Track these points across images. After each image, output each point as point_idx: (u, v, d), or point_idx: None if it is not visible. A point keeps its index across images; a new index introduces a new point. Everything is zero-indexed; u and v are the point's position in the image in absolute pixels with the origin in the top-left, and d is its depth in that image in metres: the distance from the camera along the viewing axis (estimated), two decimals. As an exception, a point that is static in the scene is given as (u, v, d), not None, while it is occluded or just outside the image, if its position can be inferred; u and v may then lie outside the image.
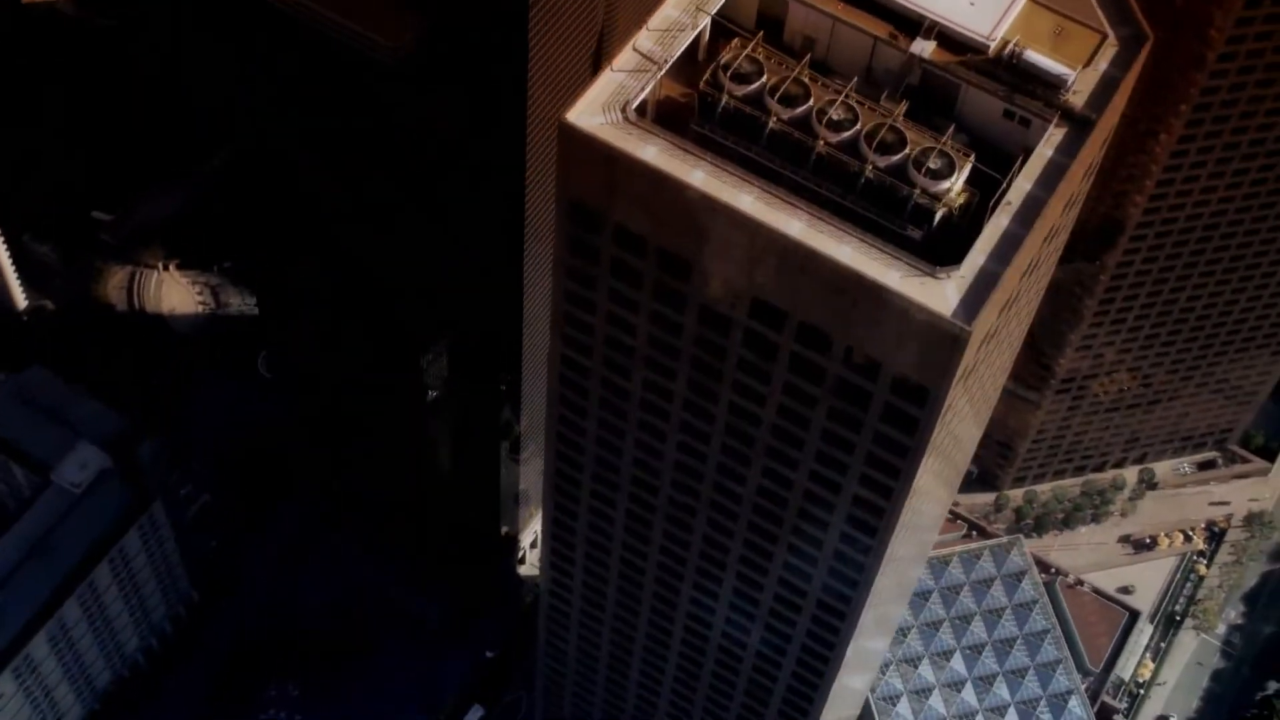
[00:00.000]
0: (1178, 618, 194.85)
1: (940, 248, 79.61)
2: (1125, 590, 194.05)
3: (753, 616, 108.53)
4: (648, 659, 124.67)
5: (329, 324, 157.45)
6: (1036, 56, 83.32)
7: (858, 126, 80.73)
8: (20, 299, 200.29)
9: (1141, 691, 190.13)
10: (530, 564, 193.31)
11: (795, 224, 78.47)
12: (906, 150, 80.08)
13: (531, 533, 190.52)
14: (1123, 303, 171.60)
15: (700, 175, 79.51)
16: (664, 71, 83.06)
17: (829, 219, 78.93)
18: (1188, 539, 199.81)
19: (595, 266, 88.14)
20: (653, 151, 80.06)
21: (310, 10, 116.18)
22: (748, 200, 78.94)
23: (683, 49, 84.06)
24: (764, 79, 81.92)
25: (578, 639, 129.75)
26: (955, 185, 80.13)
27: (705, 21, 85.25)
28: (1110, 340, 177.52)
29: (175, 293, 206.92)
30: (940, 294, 76.94)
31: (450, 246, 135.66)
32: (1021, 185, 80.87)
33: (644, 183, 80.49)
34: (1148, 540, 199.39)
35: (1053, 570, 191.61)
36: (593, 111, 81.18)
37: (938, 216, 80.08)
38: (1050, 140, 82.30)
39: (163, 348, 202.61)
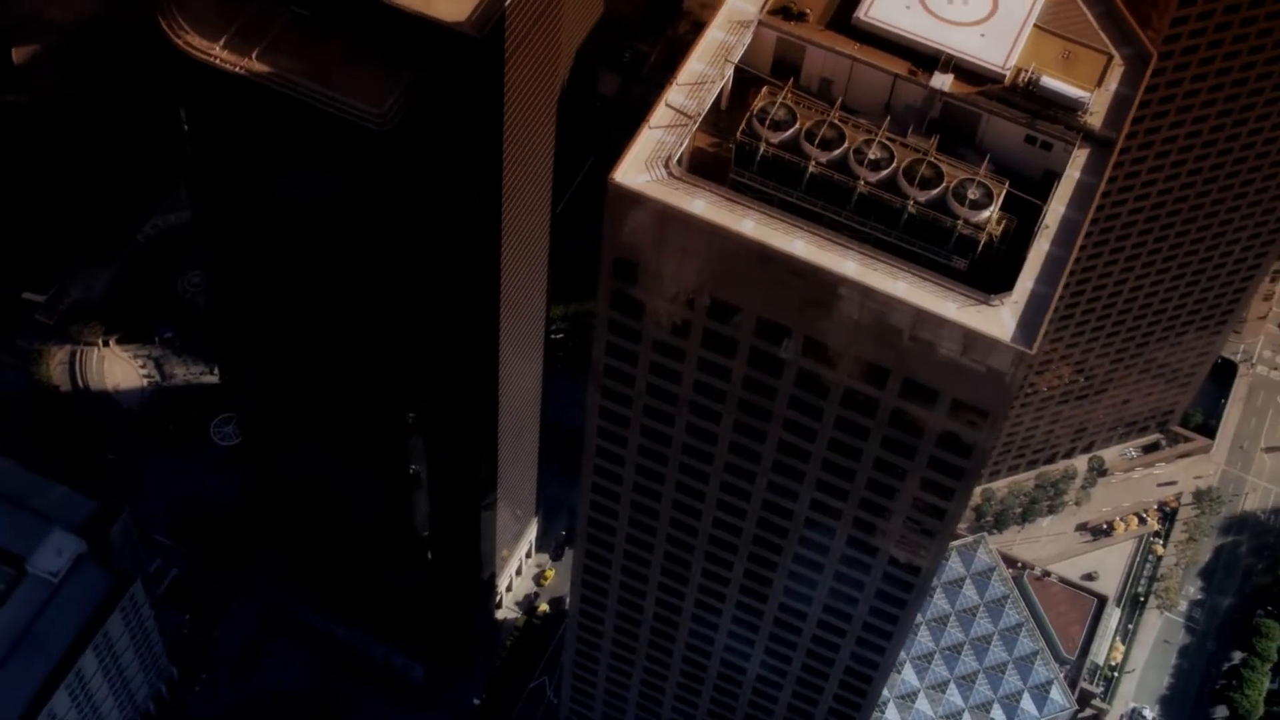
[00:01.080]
0: (1141, 599, 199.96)
1: (984, 274, 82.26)
2: (1089, 577, 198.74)
3: (794, 645, 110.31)
4: (681, 695, 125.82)
5: (298, 385, 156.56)
6: (1053, 82, 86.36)
7: (895, 164, 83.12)
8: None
9: (1115, 674, 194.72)
10: (507, 607, 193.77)
11: (849, 264, 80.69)
12: (945, 183, 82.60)
13: (507, 576, 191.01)
14: (1069, 299, 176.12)
15: (750, 224, 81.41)
16: (698, 124, 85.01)
17: (879, 256, 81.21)
18: (1142, 521, 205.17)
19: (639, 320, 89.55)
20: (701, 204, 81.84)
21: (291, 81, 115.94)
22: (800, 245, 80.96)
23: (712, 100, 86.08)
24: (798, 124, 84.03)
25: (606, 682, 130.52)
26: (993, 214, 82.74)
27: (730, 71, 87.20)
28: (1058, 336, 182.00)
29: (118, 368, 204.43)
30: (997, 320, 79.48)
31: (426, 298, 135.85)
32: (1055, 208, 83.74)
33: (695, 235, 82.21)
34: (1104, 526, 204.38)
35: (1019, 564, 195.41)
36: (637, 169, 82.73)
37: (980, 245, 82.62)
38: (1075, 162, 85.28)
39: (111, 424, 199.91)
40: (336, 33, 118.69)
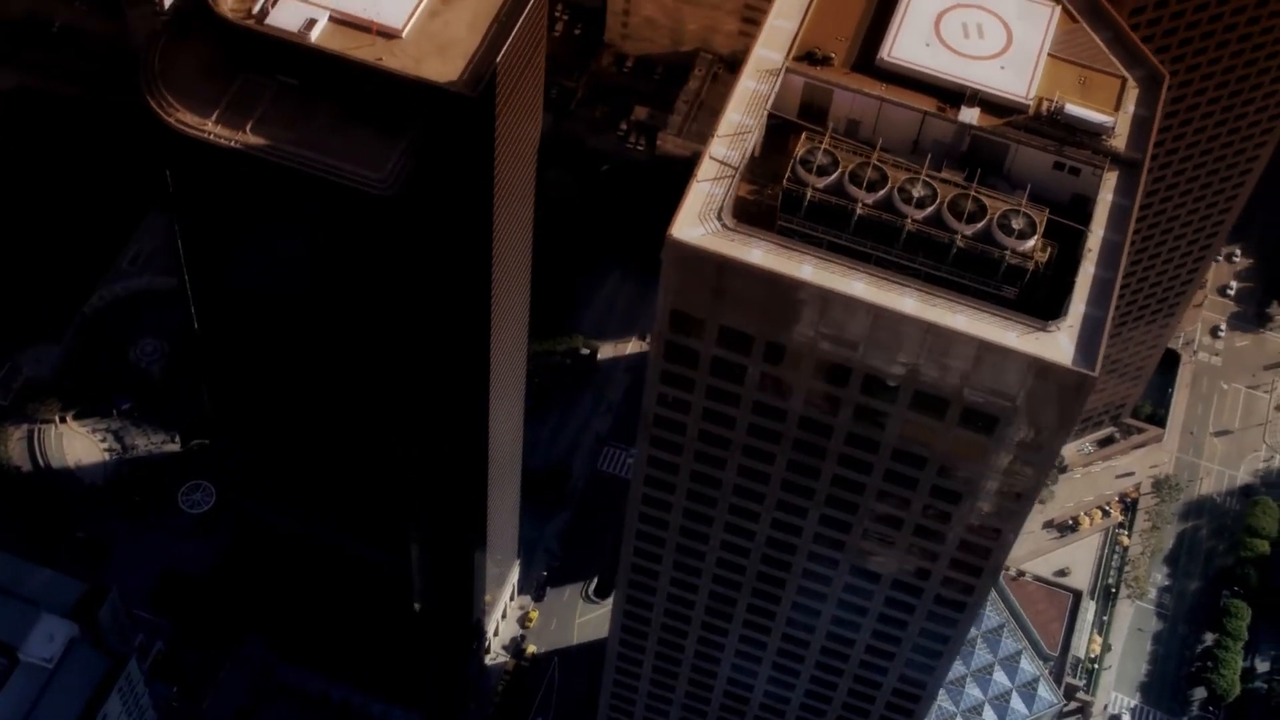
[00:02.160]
0: (1113, 590, 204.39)
1: (1032, 301, 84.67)
2: (1061, 573, 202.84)
3: (841, 672, 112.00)
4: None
5: (285, 440, 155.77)
6: (1077, 108, 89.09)
7: (939, 200, 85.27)
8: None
9: (1096, 666, 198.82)
10: (495, 651, 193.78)
11: (908, 301, 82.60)
12: (989, 215, 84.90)
13: (493, 621, 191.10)
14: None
15: (809, 269, 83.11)
16: (740, 173, 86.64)
17: (934, 291, 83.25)
18: (1105, 514, 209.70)
19: (693, 369, 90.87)
20: (758, 254, 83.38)
21: (288, 152, 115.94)
22: (860, 286, 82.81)
23: (751, 148, 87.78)
24: (841, 167, 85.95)
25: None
26: (1038, 241, 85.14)
27: (764, 119, 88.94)
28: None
29: (78, 443, 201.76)
30: (1056, 345, 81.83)
31: (421, 348, 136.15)
32: (1095, 231, 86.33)
33: (755, 284, 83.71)
34: (1070, 522, 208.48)
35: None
36: (692, 224, 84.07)
37: (1028, 273, 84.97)
38: (1107, 185, 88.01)
39: (77, 501, 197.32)
40: (326, 100, 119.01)
